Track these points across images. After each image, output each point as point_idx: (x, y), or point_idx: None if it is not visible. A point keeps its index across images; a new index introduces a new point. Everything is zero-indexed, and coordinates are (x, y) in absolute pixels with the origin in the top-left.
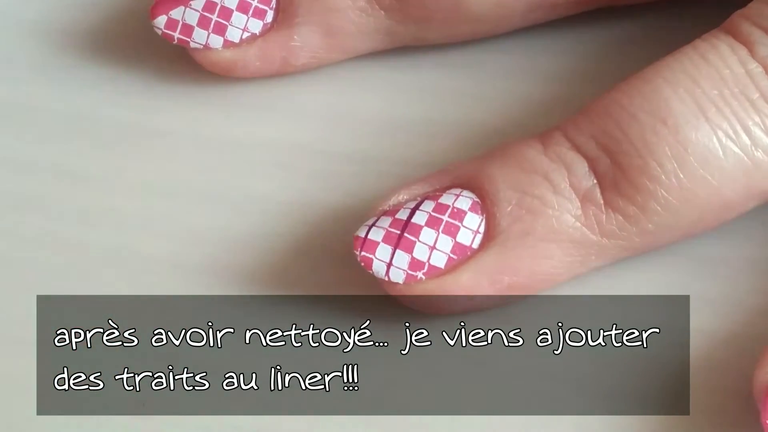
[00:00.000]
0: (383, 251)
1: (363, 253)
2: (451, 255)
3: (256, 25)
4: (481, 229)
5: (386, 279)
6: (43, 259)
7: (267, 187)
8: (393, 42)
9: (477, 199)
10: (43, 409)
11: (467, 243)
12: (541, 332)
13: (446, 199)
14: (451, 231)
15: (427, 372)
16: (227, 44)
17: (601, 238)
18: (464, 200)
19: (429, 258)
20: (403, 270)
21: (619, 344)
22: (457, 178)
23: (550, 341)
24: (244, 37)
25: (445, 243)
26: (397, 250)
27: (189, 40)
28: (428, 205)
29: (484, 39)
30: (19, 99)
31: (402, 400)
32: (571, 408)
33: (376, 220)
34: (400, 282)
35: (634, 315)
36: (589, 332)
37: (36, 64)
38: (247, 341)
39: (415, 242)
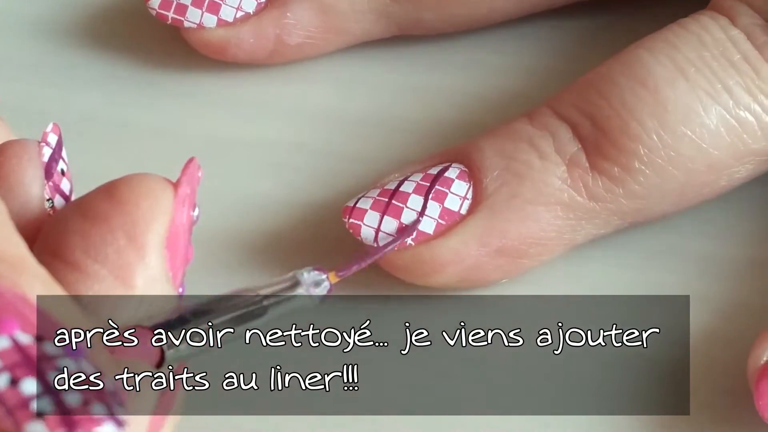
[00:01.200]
0: (371, 218)
1: (351, 220)
2: (440, 220)
3: (249, 4)
4: (469, 196)
5: (375, 245)
6: None
7: (267, 187)
8: (388, 25)
9: (465, 169)
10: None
11: (455, 209)
12: (541, 332)
13: (434, 170)
14: (439, 197)
15: (427, 372)
16: (221, 23)
17: (588, 201)
18: (452, 170)
19: (416, 224)
20: (392, 236)
21: (619, 344)
22: (447, 155)
23: (550, 341)
24: (237, 15)
25: (433, 209)
26: (385, 216)
27: (183, 19)
28: (416, 176)
29: (483, 39)
30: (19, 99)
31: (402, 400)
32: (571, 408)
33: (366, 192)
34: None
35: (634, 315)
36: (589, 332)
37: (36, 64)
38: (247, 341)
39: (402, 208)
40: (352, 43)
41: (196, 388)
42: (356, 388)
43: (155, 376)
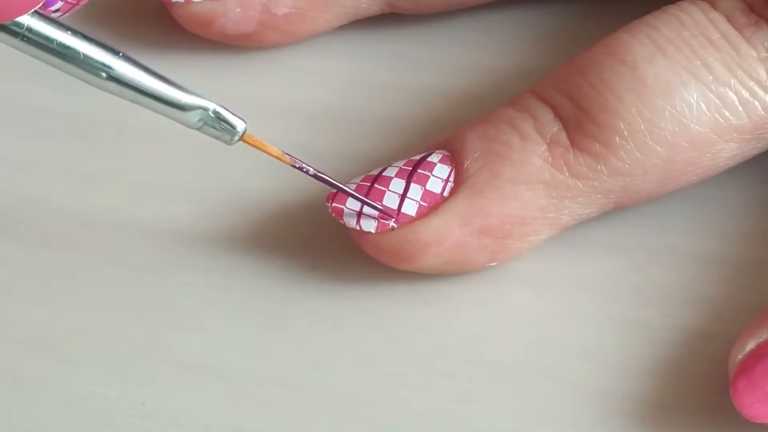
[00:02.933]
0: (354, 202)
1: (334, 204)
2: (422, 203)
3: None
4: (451, 179)
5: (357, 227)
6: (44, 259)
7: (267, 187)
8: (377, 0)
9: (447, 153)
10: (43, 408)
11: (437, 191)
12: (540, 332)
13: (417, 156)
14: (421, 180)
15: (427, 371)
16: None
17: (570, 179)
18: (435, 155)
19: (399, 206)
20: (374, 218)
21: (619, 343)
22: (431, 145)
23: (548, 340)
24: None
25: (415, 191)
26: (368, 199)
27: None
28: (399, 162)
29: (483, 40)
30: (19, 99)
31: (402, 399)
32: (571, 408)
33: (349, 180)
34: (372, 230)
35: (634, 314)
36: (589, 332)
37: (36, 64)
38: (247, 341)
39: (384, 191)
40: (344, 18)
41: (196, 388)
42: (356, 388)
43: (155, 375)
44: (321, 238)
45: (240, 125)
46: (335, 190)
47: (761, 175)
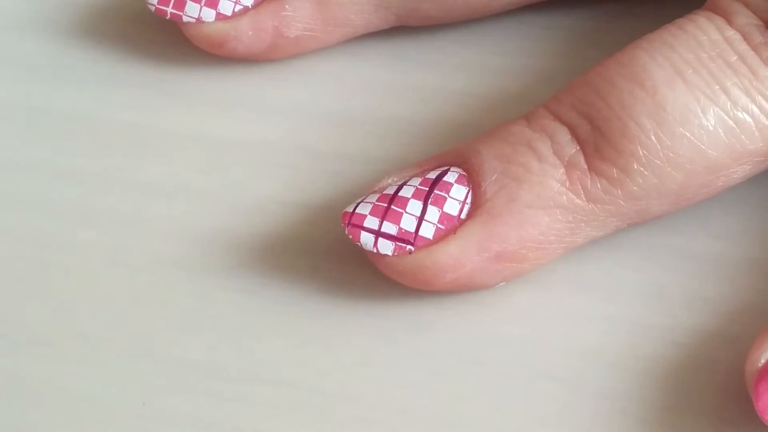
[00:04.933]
0: (370, 222)
1: (351, 226)
2: (439, 225)
3: None
4: (468, 200)
5: (374, 251)
6: (43, 259)
7: (267, 187)
8: (387, 15)
9: (463, 173)
10: (43, 408)
11: (454, 213)
12: (540, 331)
13: (433, 174)
14: (438, 202)
15: (427, 371)
16: (219, 17)
17: (587, 203)
18: (451, 174)
19: (417, 229)
20: (391, 242)
21: (620, 344)
22: (445, 158)
23: (549, 340)
24: (236, 9)
25: (432, 214)
26: (384, 221)
27: (181, 14)
28: (415, 181)
29: (483, 40)
30: (19, 99)
31: (401, 399)
32: (571, 408)
33: (365, 197)
34: (389, 253)
35: (634, 314)
36: (589, 332)
37: (36, 64)
38: (247, 341)
39: (402, 213)
40: (351, 36)
41: (197, 388)
42: (356, 388)
43: (155, 375)
44: (321, 238)
45: None
46: (351, 210)
47: (761, 175)
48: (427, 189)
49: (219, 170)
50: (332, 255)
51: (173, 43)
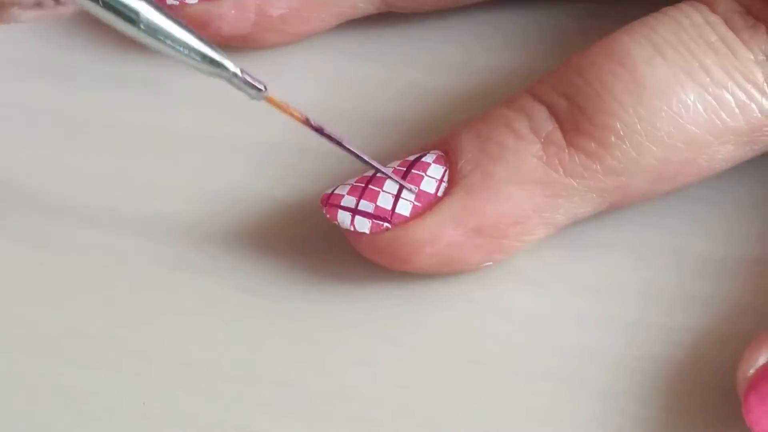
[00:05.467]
0: (348, 201)
1: (329, 206)
2: (416, 203)
3: None
4: (446, 179)
5: (351, 229)
6: (44, 259)
7: (266, 187)
8: (374, 0)
9: (441, 153)
10: (43, 408)
11: (431, 191)
12: (540, 332)
13: (412, 157)
14: (415, 180)
15: (427, 371)
16: None
17: (565, 177)
18: (429, 155)
19: (393, 206)
20: (368, 219)
21: (620, 344)
22: (427, 146)
23: (549, 340)
24: None
25: (409, 191)
26: (362, 200)
27: None
28: (394, 163)
29: (482, 40)
30: (19, 99)
31: (401, 399)
32: (571, 408)
33: (345, 181)
34: (366, 231)
35: (634, 314)
36: (589, 332)
37: (36, 64)
38: (247, 341)
39: (379, 192)
40: (341, 18)
41: (196, 388)
42: (356, 388)
43: (155, 375)
44: (320, 238)
45: (259, 90)
46: (329, 192)
47: (761, 175)
48: (405, 169)
49: (219, 170)
50: (332, 255)
51: None
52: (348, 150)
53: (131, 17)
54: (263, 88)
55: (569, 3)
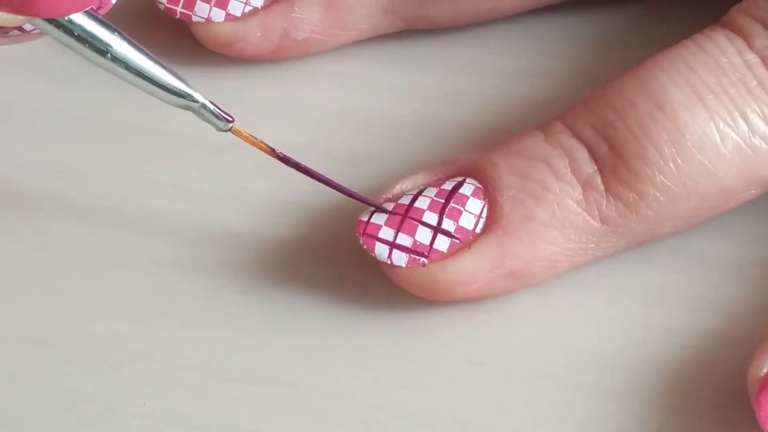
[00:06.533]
0: (386, 234)
1: (366, 236)
2: (454, 239)
3: None
4: (484, 214)
5: (388, 262)
6: (44, 259)
7: (268, 188)
8: (395, 20)
9: (479, 185)
10: (43, 408)
11: (470, 227)
12: (540, 332)
13: (448, 185)
14: (454, 215)
15: (427, 371)
16: (229, 18)
17: (601, 225)
18: (467, 186)
19: (432, 242)
20: (406, 254)
21: (621, 344)
22: (460, 167)
23: (549, 340)
24: (246, 10)
25: (448, 227)
26: (400, 233)
27: (191, 14)
28: (431, 191)
29: (486, 40)
30: (19, 99)
31: (402, 400)
32: (572, 408)
33: (380, 205)
34: (402, 265)
35: (635, 315)
36: (589, 332)
37: (36, 64)
38: (247, 341)
39: (417, 225)
40: (358, 39)
41: (196, 388)
42: (356, 388)
43: (155, 375)
44: (321, 239)
45: (225, 124)
46: (365, 219)
47: None
48: (443, 201)
49: (219, 170)
50: (332, 255)
51: (174, 43)
52: (318, 178)
53: (101, 49)
54: (231, 120)
55: (578, 5)
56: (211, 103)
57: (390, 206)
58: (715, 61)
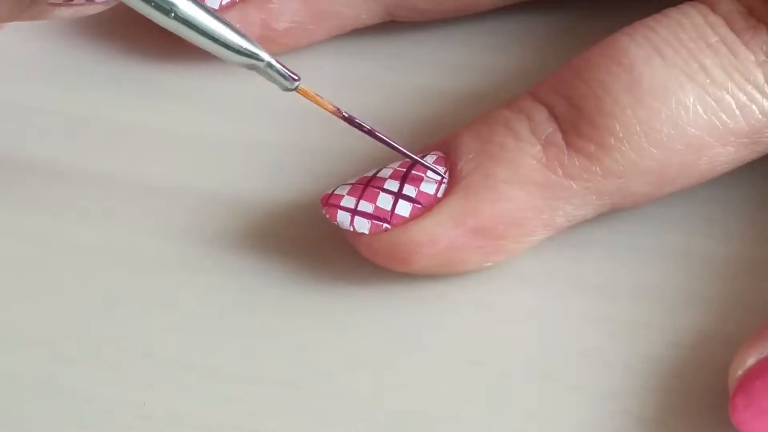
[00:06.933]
0: (347, 202)
1: (328, 206)
2: (415, 204)
3: None
4: (446, 180)
5: (351, 229)
6: (43, 259)
7: (266, 188)
8: (377, 9)
9: (442, 155)
10: (43, 408)
11: (431, 192)
12: (540, 332)
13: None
14: (415, 181)
15: (427, 371)
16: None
17: (565, 179)
18: (429, 156)
19: (393, 207)
20: (368, 220)
21: (620, 344)
22: (429, 147)
23: (549, 340)
24: (223, 3)
25: (409, 192)
26: (361, 200)
27: None
28: (394, 164)
29: (483, 39)
30: (19, 99)
31: (401, 399)
32: (571, 408)
33: (345, 181)
34: (366, 232)
35: (635, 314)
36: (589, 332)
37: (36, 64)
38: (247, 341)
39: (378, 192)
40: (342, 29)
41: (197, 388)
42: (356, 388)
43: (155, 375)
44: (321, 238)
45: (291, 83)
46: (330, 192)
47: (762, 175)
48: (405, 170)
49: (218, 170)
50: (332, 255)
51: (173, 43)
52: (380, 138)
53: (166, 8)
54: (297, 79)
55: (574, 3)
56: (278, 61)
57: (354, 179)
58: (676, 22)
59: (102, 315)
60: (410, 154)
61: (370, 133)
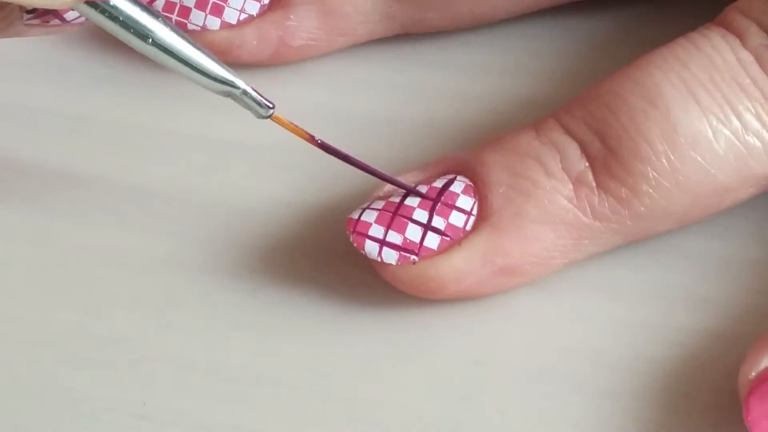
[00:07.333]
0: (376, 231)
1: (355, 234)
2: (444, 236)
3: (253, 7)
4: (474, 212)
5: (378, 260)
6: (44, 259)
7: (267, 188)
8: (392, 25)
9: (470, 183)
10: (43, 408)
11: (460, 225)
12: (541, 332)
13: (439, 182)
14: (444, 213)
15: (427, 371)
16: (224, 25)
17: (593, 221)
18: (457, 184)
19: (422, 239)
20: (396, 251)
21: (620, 344)
22: (451, 165)
23: (549, 340)
24: (241, 18)
25: (438, 224)
26: (390, 231)
27: (186, 21)
28: (421, 189)
29: (484, 40)
30: (19, 99)
31: (402, 399)
32: (571, 408)
33: (370, 204)
34: (393, 263)
35: (635, 314)
36: (589, 332)
37: (36, 64)
38: (247, 341)
39: (407, 223)
40: (354, 43)
41: (196, 388)
42: (356, 388)
43: (155, 375)
44: (321, 239)
45: (266, 110)
46: (356, 217)
47: None
48: (433, 199)
49: (219, 171)
50: (332, 256)
51: None
52: (356, 164)
53: (144, 34)
54: (272, 106)
55: (588, 9)
56: (253, 89)
57: (380, 204)
58: (708, 58)
59: (102, 315)
60: (391, 177)
61: (346, 158)
